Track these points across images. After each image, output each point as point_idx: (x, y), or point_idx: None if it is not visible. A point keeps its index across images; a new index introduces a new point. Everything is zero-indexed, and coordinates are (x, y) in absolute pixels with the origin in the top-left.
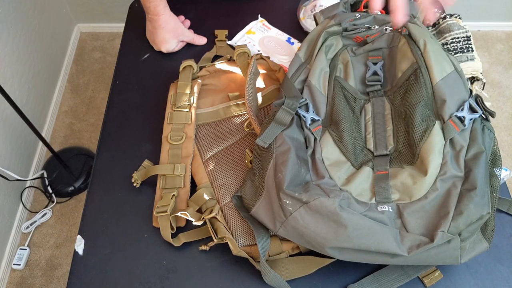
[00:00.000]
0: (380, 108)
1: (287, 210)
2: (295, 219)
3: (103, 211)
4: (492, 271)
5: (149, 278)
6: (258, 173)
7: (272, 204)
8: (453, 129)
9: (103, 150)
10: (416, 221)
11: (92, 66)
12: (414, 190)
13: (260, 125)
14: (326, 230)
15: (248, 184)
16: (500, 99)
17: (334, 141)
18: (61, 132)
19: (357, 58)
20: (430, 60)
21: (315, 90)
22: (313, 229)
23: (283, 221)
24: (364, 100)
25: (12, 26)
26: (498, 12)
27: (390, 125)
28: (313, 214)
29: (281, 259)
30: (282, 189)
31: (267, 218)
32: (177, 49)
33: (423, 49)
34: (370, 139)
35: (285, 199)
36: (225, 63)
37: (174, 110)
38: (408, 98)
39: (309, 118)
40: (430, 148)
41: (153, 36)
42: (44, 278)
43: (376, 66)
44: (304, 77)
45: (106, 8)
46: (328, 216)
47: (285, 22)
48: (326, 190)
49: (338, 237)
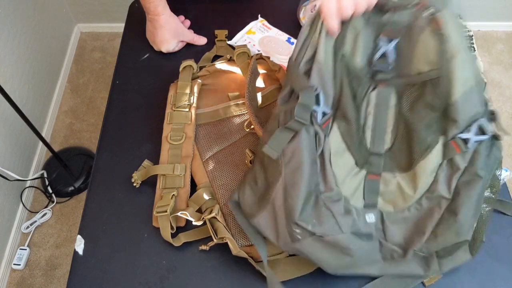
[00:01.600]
0: (385, 100)
1: (295, 237)
2: (302, 245)
3: (103, 211)
4: (491, 271)
5: (149, 278)
6: (261, 183)
7: (277, 223)
8: (453, 151)
9: (103, 150)
10: (396, 231)
11: (92, 66)
12: (399, 201)
13: (261, 126)
14: (332, 258)
15: (247, 191)
16: (500, 99)
17: (342, 135)
18: (61, 132)
19: (369, 29)
20: (457, 71)
21: (323, 72)
22: (319, 255)
23: (288, 243)
24: (369, 86)
25: (12, 26)
26: (498, 12)
27: (392, 123)
28: (324, 244)
29: (280, 259)
30: (294, 219)
31: (269, 231)
32: (177, 49)
33: (452, 54)
34: (368, 133)
35: (296, 228)
36: (225, 63)
37: (174, 110)
38: (417, 106)
39: (321, 113)
40: (426, 167)
41: (153, 36)
42: (44, 278)
43: (388, 46)
44: (311, 54)
45: (106, 8)
46: (337, 248)
47: (285, 22)
48: (336, 214)
49: (343, 264)
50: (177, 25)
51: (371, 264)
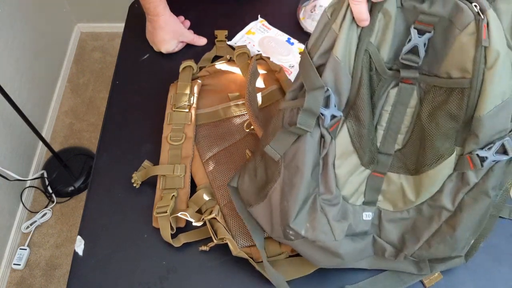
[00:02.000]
0: (406, 98)
1: (289, 236)
2: (295, 244)
3: (103, 212)
4: (492, 271)
5: (149, 279)
6: (260, 176)
7: (272, 218)
8: (467, 166)
9: (103, 150)
10: (392, 230)
11: (92, 66)
12: (399, 202)
13: (261, 126)
14: (323, 257)
15: (246, 179)
16: None
17: (351, 136)
18: (61, 132)
19: (402, 15)
20: (491, 85)
21: (340, 69)
22: (309, 253)
23: (281, 238)
24: (390, 82)
25: (12, 26)
26: None
27: (408, 123)
28: (315, 246)
29: (280, 260)
30: (288, 223)
31: (264, 222)
32: (177, 49)
33: (491, 65)
34: (380, 132)
35: (289, 230)
36: (225, 64)
37: (174, 110)
38: (438, 112)
39: (329, 116)
40: (434, 176)
41: (152, 36)
42: (44, 278)
43: (421, 39)
44: (328, 46)
45: (106, 8)
46: (328, 250)
47: (285, 23)
48: (332, 220)
49: (332, 263)
50: (177, 26)
51: (362, 259)
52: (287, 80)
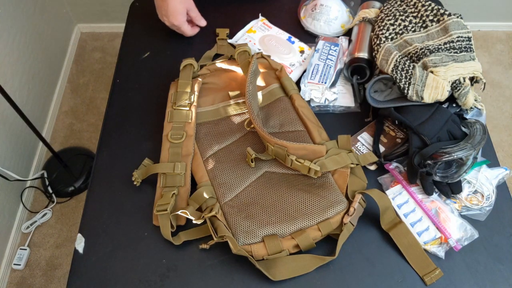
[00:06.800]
0: None
1: None
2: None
3: (103, 210)
4: (492, 271)
5: (149, 277)
6: None
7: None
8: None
9: (104, 149)
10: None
11: (92, 66)
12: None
13: (261, 124)
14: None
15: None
16: (500, 99)
17: None
18: (61, 132)
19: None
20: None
21: None
22: None
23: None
24: None
25: (12, 26)
26: (498, 12)
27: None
28: None
29: (281, 257)
30: None
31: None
32: (186, 27)
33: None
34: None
35: None
36: (226, 62)
37: (174, 108)
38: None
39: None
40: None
41: (165, 8)
42: (44, 278)
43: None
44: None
45: (106, 8)
46: None
47: (286, 21)
48: None
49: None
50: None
51: None
52: (287, 79)
